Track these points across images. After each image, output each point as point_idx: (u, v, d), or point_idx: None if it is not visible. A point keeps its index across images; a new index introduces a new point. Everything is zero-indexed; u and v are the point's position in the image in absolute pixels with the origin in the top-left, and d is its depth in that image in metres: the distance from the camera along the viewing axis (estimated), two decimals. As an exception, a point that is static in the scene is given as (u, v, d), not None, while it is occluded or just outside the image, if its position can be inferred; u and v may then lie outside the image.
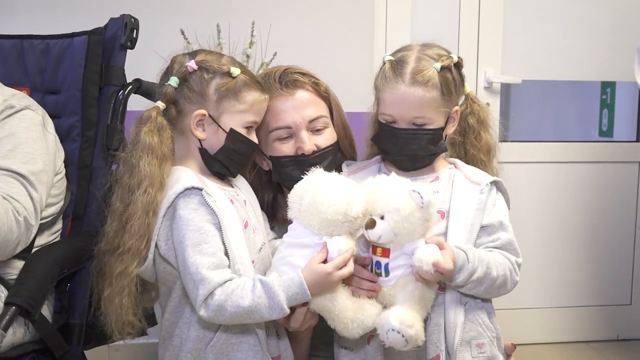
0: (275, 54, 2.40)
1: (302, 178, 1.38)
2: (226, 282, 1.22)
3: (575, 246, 3.08)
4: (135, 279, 1.29)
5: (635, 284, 3.15)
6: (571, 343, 3.07)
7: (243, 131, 1.35)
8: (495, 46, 2.91)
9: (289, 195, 1.31)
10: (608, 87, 3.29)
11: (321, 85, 1.53)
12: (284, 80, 1.49)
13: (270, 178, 1.56)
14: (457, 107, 1.47)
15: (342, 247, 1.23)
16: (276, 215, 1.59)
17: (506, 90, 3.07)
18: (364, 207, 1.25)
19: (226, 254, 1.26)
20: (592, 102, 3.43)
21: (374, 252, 1.29)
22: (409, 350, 1.28)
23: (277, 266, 1.28)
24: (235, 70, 1.32)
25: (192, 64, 1.31)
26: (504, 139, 2.89)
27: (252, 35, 2.40)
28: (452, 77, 1.43)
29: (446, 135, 1.46)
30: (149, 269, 1.28)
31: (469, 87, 1.51)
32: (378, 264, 1.29)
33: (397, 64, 1.42)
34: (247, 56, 2.35)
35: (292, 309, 1.25)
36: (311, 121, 1.49)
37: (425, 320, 1.32)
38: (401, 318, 1.22)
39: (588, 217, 3.08)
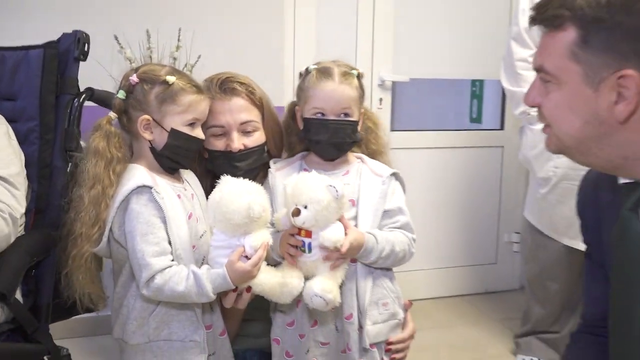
0: (199, 57, 2.43)
1: (228, 171, 1.46)
2: (165, 268, 1.29)
3: (451, 217, 3.26)
4: (90, 257, 1.35)
5: (499, 247, 3.37)
6: (450, 297, 3.26)
7: (186, 129, 1.38)
8: (387, 49, 2.99)
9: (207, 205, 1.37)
10: (478, 82, 3.45)
11: (256, 95, 1.57)
12: (223, 87, 1.53)
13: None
14: (363, 110, 1.57)
15: (256, 244, 1.31)
16: None
17: (395, 87, 3.14)
18: (262, 207, 1.31)
19: (170, 242, 1.32)
20: (465, 96, 3.53)
21: (299, 233, 1.37)
22: (329, 310, 1.39)
23: (210, 265, 1.34)
24: (171, 78, 1.36)
25: (134, 78, 1.37)
26: (393, 129, 3.09)
27: (178, 40, 2.40)
28: (361, 84, 1.54)
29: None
30: (103, 249, 1.35)
31: None
32: (302, 243, 1.37)
33: (324, 70, 1.51)
34: (174, 59, 2.37)
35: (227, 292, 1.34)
36: (242, 124, 1.53)
37: (340, 286, 1.40)
38: (322, 286, 1.34)
39: (462, 193, 3.26)
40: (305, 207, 1.33)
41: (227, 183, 1.34)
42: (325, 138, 1.47)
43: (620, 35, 0.93)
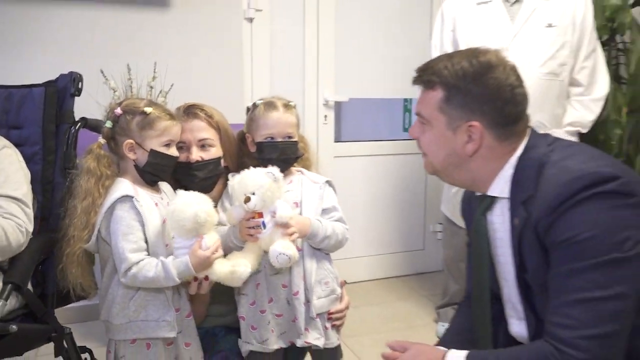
0: (172, 85, 2.46)
1: (188, 179, 1.55)
2: (140, 261, 1.36)
3: (387, 212, 3.34)
4: (82, 254, 1.42)
5: (426, 236, 3.48)
6: (385, 278, 3.35)
7: (163, 149, 1.45)
8: (329, 74, 3.08)
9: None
10: (408, 99, 3.52)
11: (214, 119, 1.63)
12: (187, 111, 1.61)
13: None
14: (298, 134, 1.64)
15: (209, 242, 1.38)
16: None
17: (338, 105, 3.23)
18: (207, 213, 1.36)
19: (146, 241, 1.40)
20: (398, 111, 3.59)
21: (253, 217, 1.45)
22: (286, 272, 1.49)
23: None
24: (148, 109, 1.43)
25: (118, 110, 1.45)
26: (337, 140, 3.22)
27: (154, 72, 2.42)
28: (297, 113, 1.64)
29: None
30: (92, 246, 1.42)
31: None
32: (259, 225, 1.45)
33: (269, 103, 1.60)
34: (151, 87, 2.36)
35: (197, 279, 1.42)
36: (199, 140, 1.59)
37: (290, 269, 1.49)
38: (282, 245, 1.42)
39: (395, 192, 3.35)
40: (253, 194, 1.41)
41: (179, 196, 1.40)
42: (275, 156, 1.56)
43: (470, 98, 1.11)
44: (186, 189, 1.45)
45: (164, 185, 1.57)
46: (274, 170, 1.45)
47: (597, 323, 0.96)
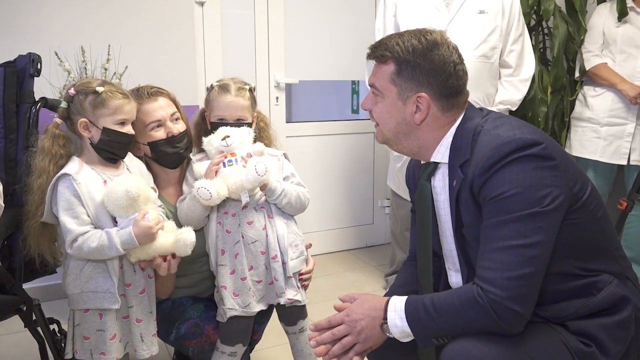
0: (126, 67, 2.47)
1: (171, 152, 1.58)
2: (85, 233, 1.40)
3: (337, 189, 3.43)
4: (38, 227, 1.46)
5: (375, 211, 3.58)
6: (338, 252, 3.46)
7: (117, 127, 1.47)
8: (280, 57, 3.13)
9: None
10: (356, 81, 3.62)
11: (171, 95, 1.68)
12: (151, 92, 1.63)
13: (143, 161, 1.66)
14: (256, 114, 1.73)
15: (151, 217, 1.42)
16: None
17: (289, 87, 3.31)
18: (138, 188, 1.40)
19: (89, 216, 1.43)
20: (346, 93, 3.69)
21: (226, 156, 1.56)
22: (259, 253, 1.57)
23: None
24: (100, 88, 1.45)
25: (72, 91, 1.47)
26: (289, 121, 3.29)
27: (108, 54, 2.44)
28: (253, 95, 1.70)
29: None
30: (49, 218, 1.45)
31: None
32: (230, 160, 1.55)
33: (224, 86, 1.65)
34: (105, 69, 2.39)
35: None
36: (172, 114, 1.63)
37: (267, 236, 1.59)
38: (213, 185, 1.50)
39: (345, 170, 3.43)
40: (229, 137, 1.55)
41: (109, 181, 1.47)
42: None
43: (419, 71, 1.21)
44: (175, 166, 1.55)
45: (134, 166, 1.58)
46: (247, 129, 1.59)
47: (517, 266, 1.06)
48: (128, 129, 1.51)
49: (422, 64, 1.20)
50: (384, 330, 1.17)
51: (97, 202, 1.44)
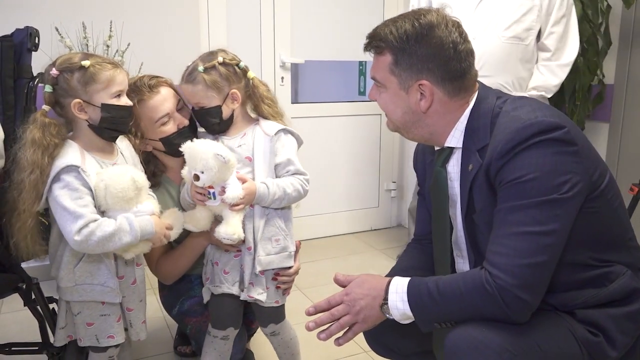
0: (128, 44, 2.44)
1: (190, 140, 1.43)
2: (97, 219, 1.30)
3: (343, 171, 3.38)
4: (32, 225, 1.34)
5: (380, 194, 3.55)
6: (343, 235, 3.43)
7: (114, 100, 1.35)
8: (286, 36, 3.07)
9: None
10: (363, 62, 3.55)
11: (168, 81, 1.61)
12: (151, 84, 1.55)
13: (148, 156, 1.63)
14: (234, 90, 1.51)
15: (152, 208, 1.39)
16: (157, 175, 1.69)
17: (295, 67, 3.25)
18: (143, 177, 1.36)
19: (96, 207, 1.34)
20: (353, 73, 3.61)
21: (205, 193, 1.45)
22: (239, 244, 1.51)
23: None
24: (86, 62, 1.32)
25: (54, 71, 1.33)
26: (295, 101, 3.25)
27: (110, 31, 2.40)
28: (218, 72, 1.49)
29: (233, 109, 1.54)
30: (43, 205, 1.34)
31: (252, 73, 1.58)
32: (208, 192, 1.45)
33: (183, 74, 1.53)
34: (107, 46, 2.36)
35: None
36: (176, 104, 1.59)
37: (243, 226, 1.48)
38: (226, 232, 1.44)
39: (351, 152, 3.39)
40: (202, 172, 1.39)
41: (103, 173, 1.34)
42: (201, 125, 1.58)
43: (416, 58, 1.15)
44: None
45: (125, 150, 1.52)
46: (224, 151, 1.39)
47: (530, 254, 1.02)
48: (126, 101, 1.39)
49: (419, 50, 1.15)
50: (384, 311, 1.14)
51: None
